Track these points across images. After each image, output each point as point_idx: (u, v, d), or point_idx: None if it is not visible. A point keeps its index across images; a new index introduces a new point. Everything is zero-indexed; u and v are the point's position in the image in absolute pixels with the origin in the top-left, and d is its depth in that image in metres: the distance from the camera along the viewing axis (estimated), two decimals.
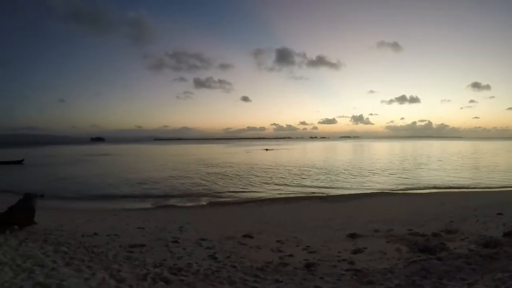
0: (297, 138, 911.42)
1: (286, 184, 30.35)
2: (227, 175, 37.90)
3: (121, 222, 13.60)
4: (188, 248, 8.89)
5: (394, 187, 27.66)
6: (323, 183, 30.51)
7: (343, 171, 39.71)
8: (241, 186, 29.60)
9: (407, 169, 41.42)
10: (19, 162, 63.30)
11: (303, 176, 35.70)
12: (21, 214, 10.92)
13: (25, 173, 46.49)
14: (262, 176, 36.42)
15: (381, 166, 45.09)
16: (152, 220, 14.25)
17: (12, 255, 7.61)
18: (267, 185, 29.93)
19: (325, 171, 40.60)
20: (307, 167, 46.31)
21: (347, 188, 27.35)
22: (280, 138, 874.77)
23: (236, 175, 38.19)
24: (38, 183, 32.78)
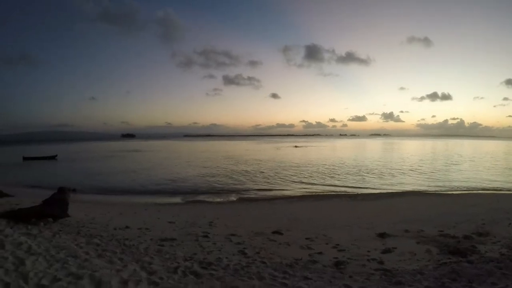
0: (326, 135, 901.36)
1: (315, 182, 30.20)
2: (256, 172, 37.99)
3: (152, 216, 13.85)
4: (218, 243, 8.96)
5: (424, 187, 26.97)
6: (352, 182, 30.18)
7: (372, 170, 39.08)
8: (270, 183, 29.62)
9: (438, 169, 40.24)
10: (53, 157, 65.68)
11: (332, 174, 35.41)
12: (55, 207, 11.25)
13: (58, 168, 48.07)
14: (291, 173, 36.29)
15: (412, 166, 43.98)
16: (182, 215, 14.45)
17: (46, 246, 7.84)
18: (296, 182, 29.85)
19: (355, 169, 40.09)
20: (336, 165, 45.91)
21: (377, 187, 26.92)
22: (309, 135, 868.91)
23: (265, 172, 38.22)
24: (70, 178, 33.85)
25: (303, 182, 29.88)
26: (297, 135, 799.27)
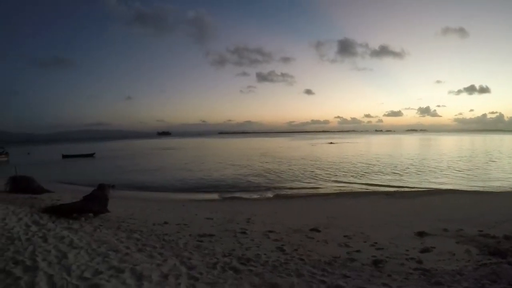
0: (361, 131, 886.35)
1: (351, 179, 29.86)
2: (292, 169, 37.87)
3: (189, 213, 14.04)
4: (256, 240, 8.97)
5: (463, 184, 26.02)
6: (389, 179, 29.66)
7: (409, 167, 38.04)
8: (306, 180, 29.52)
9: (477, 166, 38.60)
10: (91, 155, 68.05)
11: (368, 171, 34.85)
12: (95, 203, 11.66)
13: (96, 165, 49.53)
14: (327, 170, 36.03)
15: (449, 162, 42.42)
16: (219, 212, 14.59)
17: (88, 240, 8.08)
18: (332, 179, 29.67)
19: (391, 166, 39.25)
20: (372, 161, 45.11)
21: (414, 185, 26.23)
22: (344, 131, 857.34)
23: (301, 168, 38.06)
24: (108, 175, 34.89)
25: (339, 179, 29.64)
26: (332, 131, 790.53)
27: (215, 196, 22.57)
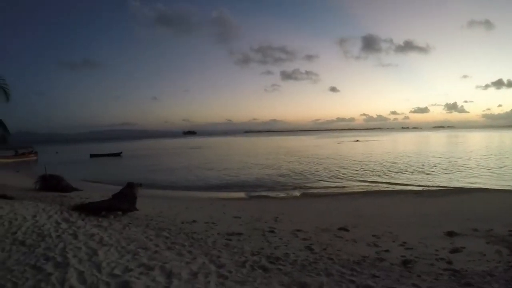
0: (387, 128, 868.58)
1: (378, 177, 29.51)
2: (318, 167, 37.73)
3: (217, 211, 14.12)
4: (285, 238, 8.94)
5: (493, 183, 25.15)
6: (416, 177, 29.10)
7: (437, 165, 37.23)
8: (333, 179, 29.38)
9: (507, 163, 37.39)
10: (118, 154, 69.44)
11: (396, 169, 34.31)
12: (123, 201, 11.86)
13: (123, 164, 50.37)
14: (354, 169, 35.70)
15: (478, 160, 41.19)
16: (247, 210, 14.62)
17: (117, 237, 8.20)
18: (358, 178, 29.39)
19: (418, 164, 38.50)
20: (399, 159, 44.45)
21: (442, 183, 25.61)
22: (370, 129, 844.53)
23: (328, 167, 37.88)
24: (135, 173, 35.42)
25: (365, 178, 29.34)
26: (358, 129, 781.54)
27: (242, 194, 22.66)
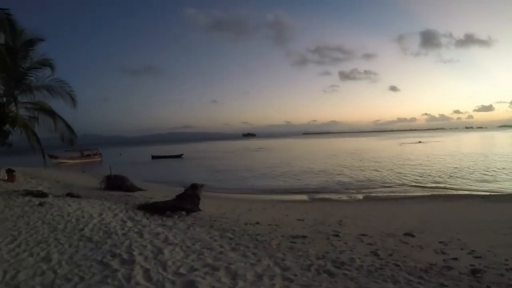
0: (450, 128, 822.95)
1: (443, 180, 28.24)
2: (380, 170, 36.81)
3: (280, 213, 14.10)
4: (349, 243, 8.75)
5: None
6: (483, 180, 27.51)
7: (505, 168, 34.93)
8: (396, 181, 28.56)
9: None
10: (179, 156, 71.53)
11: (461, 172, 32.61)
12: (187, 201, 12.15)
13: (184, 166, 51.62)
14: (417, 171, 34.44)
15: None
16: (310, 213, 14.51)
17: (182, 237, 8.38)
18: (423, 181, 28.28)
19: (484, 167, 36.22)
20: (464, 161, 42.24)
21: None
22: (432, 129, 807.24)
23: (390, 169, 36.86)
24: (196, 174, 36.29)
25: (430, 181, 28.20)
26: (419, 130, 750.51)
27: (304, 197, 22.50)
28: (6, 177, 20.49)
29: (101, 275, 5.76)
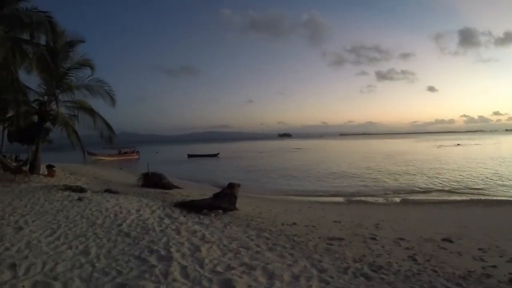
0: (490, 131, 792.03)
1: (482, 185, 27.20)
2: (418, 172, 36.01)
3: (316, 215, 14.05)
4: (387, 246, 8.63)
5: None
6: None
7: None
8: (434, 185, 27.81)
9: None
10: (215, 155, 72.35)
11: (501, 177, 31.36)
12: (224, 200, 12.28)
13: (220, 165, 52.12)
14: (456, 175, 33.38)
15: None
16: (346, 215, 14.40)
17: (219, 235, 8.46)
18: (461, 185, 27.33)
19: None
20: (505, 166, 40.75)
21: None
22: (471, 131, 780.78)
23: (428, 172, 35.96)
24: (232, 174, 36.60)
25: (469, 185, 27.24)
26: (458, 132, 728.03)
27: (340, 198, 22.34)
28: (46, 172, 21.27)
29: (138, 270, 5.88)
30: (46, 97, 21.59)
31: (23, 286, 5.07)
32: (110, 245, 7.30)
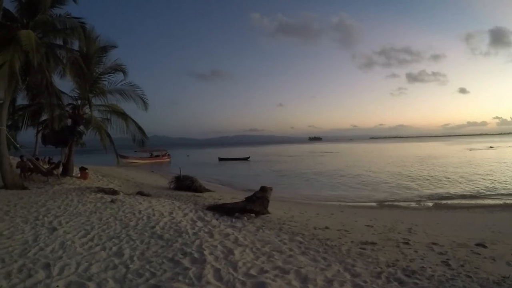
0: None
1: None
2: (450, 176, 35.39)
3: (349, 219, 13.99)
4: (420, 251, 8.50)
5: None
6: None
7: None
8: (467, 189, 27.38)
9: None
10: (246, 159, 72.60)
11: None
12: (256, 204, 12.36)
13: (250, 168, 52.31)
14: (489, 179, 32.68)
15: None
16: (379, 219, 14.27)
17: (252, 239, 8.50)
18: (496, 189, 26.89)
19: None
20: None
21: None
22: (504, 133, 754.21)
23: (460, 176, 35.33)
24: (263, 177, 36.69)
25: (504, 190, 26.65)
26: (490, 134, 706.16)
27: (372, 203, 22.26)
28: (79, 175, 21.81)
29: (172, 272, 5.96)
30: (79, 101, 22.21)
31: (57, 286, 5.21)
32: (144, 247, 7.43)
